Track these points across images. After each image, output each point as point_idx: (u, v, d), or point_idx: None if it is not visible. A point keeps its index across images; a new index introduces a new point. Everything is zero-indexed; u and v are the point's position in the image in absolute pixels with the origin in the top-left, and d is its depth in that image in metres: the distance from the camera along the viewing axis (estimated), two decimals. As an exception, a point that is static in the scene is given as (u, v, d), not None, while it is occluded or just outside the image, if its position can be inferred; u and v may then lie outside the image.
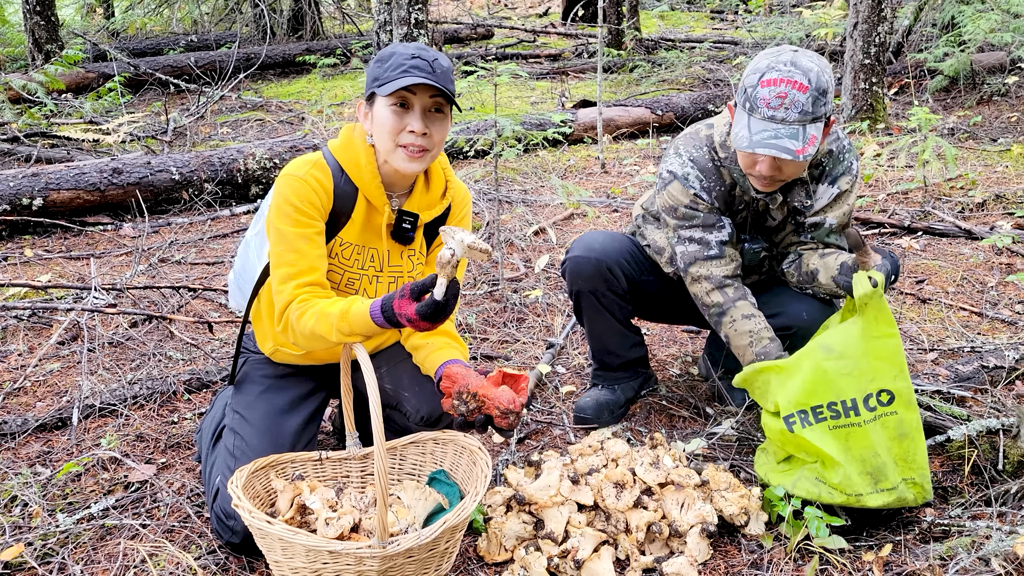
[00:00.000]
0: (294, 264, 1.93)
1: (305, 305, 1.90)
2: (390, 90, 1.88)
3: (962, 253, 3.92)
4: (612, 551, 1.96)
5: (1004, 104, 6.83)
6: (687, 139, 2.39)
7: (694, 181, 2.33)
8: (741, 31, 11.20)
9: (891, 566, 1.91)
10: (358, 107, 2.02)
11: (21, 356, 3.12)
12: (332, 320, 1.85)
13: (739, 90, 2.16)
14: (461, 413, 1.88)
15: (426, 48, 1.94)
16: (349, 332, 1.84)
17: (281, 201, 1.96)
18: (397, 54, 1.92)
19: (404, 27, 5.24)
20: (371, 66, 1.97)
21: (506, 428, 1.88)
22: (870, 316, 2.04)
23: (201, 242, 4.49)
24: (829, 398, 2.02)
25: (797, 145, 2.05)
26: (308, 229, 1.95)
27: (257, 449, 2.05)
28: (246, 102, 8.13)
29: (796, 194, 2.34)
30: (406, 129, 1.92)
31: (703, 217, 2.35)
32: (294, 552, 1.73)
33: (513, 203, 4.87)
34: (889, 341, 2.03)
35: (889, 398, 2.01)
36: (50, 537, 2.06)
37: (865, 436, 2.00)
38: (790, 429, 2.04)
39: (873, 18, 6.00)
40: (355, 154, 2.02)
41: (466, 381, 1.88)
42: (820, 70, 2.07)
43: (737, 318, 2.31)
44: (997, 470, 2.16)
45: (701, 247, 2.35)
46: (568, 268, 2.53)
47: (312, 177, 1.97)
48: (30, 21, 8.51)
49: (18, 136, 6.05)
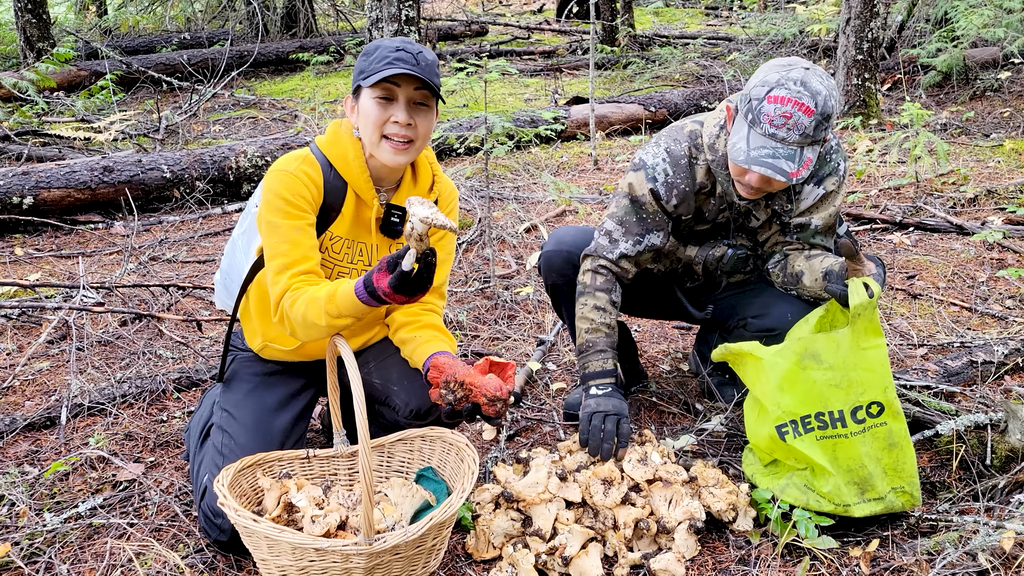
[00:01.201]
0: (288, 255, 1.93)
1: (297, 293, 1.91)
2: (374, 80, 1.89)
3: (953, 248, 3.93)
4: (600, 548, 1.95)
5: (997, 100, 6.84)
6: (670, 131, 2.38)
7: (659, 174, 2.32)
8: (735, 27, 11.21)
9: (878, 561, 1.91)
10: (345, 101, 2.03)
11: (10, 355, 3.11)
12: (321, 303, 1.85)
13: (743, 97, 2.12)
14: (448, 402, 1.88)
15: (411, 42, 1.96)
16: (337, 314, 1.84)
17: (272, 196, 1.96)
18: (382, 47, 1.93)
19: (395, 24, 5.23)
20: (358, 60, 1.98)
21: (493, 416, 1.88)
22: (860, 327, 2.02)
23: (192, 240, 4.47)
24: (816, 408, 2.01)
25: (792, 167, 2.04)
26: (300, 221, 1.95)
27: (246, 447, 2.04)
28: (239, 100, 8.11)
29: (778, 199, 2.33)
30: (391, 120, 1.93)
31: (637, 221, 2.36)
32: (280, 550, 1.72)
33: (505, 200, 4.87)
34: (877, 352, 2.02)
35: (879, 410, 2.01)
36: (37, 536, 2.05)
37: (852, 447, 1.99)
38: (782, 438, 2.03)
39: (866, 14, 6.00)
40: (343, 149, 2.02)
41: (453, 370, 1.89)
42: (828, 94, 2.04)
43: (590, 305, 2.35)
44: (985, 465, 2.16)
45: (607, 244, 2.38)
46: (542, 263, 2.55)
47: (302, 172, 1.97)
48: (21, 19, 8.48)
49: (9, 135, 6.02)
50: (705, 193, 2.35)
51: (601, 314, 2.34)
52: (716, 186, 2.33)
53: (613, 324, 2.35)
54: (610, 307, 2.35)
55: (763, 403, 2.09)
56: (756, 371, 2.12)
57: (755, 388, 2.14)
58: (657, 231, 2.37)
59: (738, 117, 2.14)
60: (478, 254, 4.16)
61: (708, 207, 2.38)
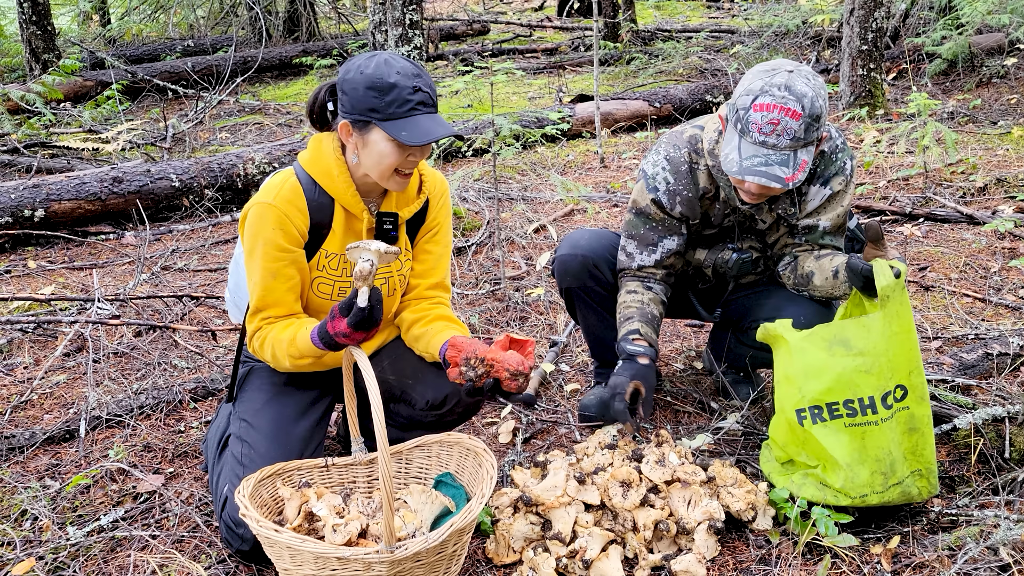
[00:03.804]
0: (262, 299, 2.01)
1: (262, 334, 2.02)
2: (412, 141, 1.83)
3: (964, 239, 3.91)
4: (620, 550, 1.96)
5: (1003, 86, 6.80)
6: (670, 137, 2.39)
7: (660, 183, 2.35)
8: (738, 19, 11.16)
9: (900, 558, 1.91)
10: (341, 128, 1.93)
11: (27, 369, 3.14)
12: (283, 346, 1.98)
13: (730, 107, 2.13)
14: (469, 379, 1.89)
15: (417, 69, 1.91)
16: (299, 356, 1.97)
17: (253, 232, 1.97)
18: (398, 87, 1.85)
19: (399, 28, 5.23)
20: (362, 91, 1.87)
21: (515, 391, 1.89)
22: (892, 310, 1.98)
23: (203, 249, 4.49)
24: (846, 395, 1.99)
25: (787, 172, 2.04)
26: (277, 263, 1.97)
27: (266, 456, 2.05)
28: (244, 106, 8.13)
29: (781, 202, 2.33)
30: (407, 158, 1.92)
31: (647, 231, 2.40)
32: (303, 560, 1.73)
33: (513, 201, 4.87)
34: (908, 336, 2.00)
35: (903, 393, 1.99)
36: (61, 550, 2.07)
37: (882, 434, 1.98)
38: (800, 423, 2.03)
39: (870, 3, 5.97)
40: (326, 166, 2.00)
41: (473, 347, 1.90)
42: (815, 95, 2.04)
43: (622, 298, 2.46)
44: (1004, 458, 2.16)
45: (626, 259, 2.46)
46: (556, 267, 2.56)
47: (282, 200, 1.96)
48: (27, 31, 8.51)
49: (18, 147, 6.06)
50: (709, 198, 2.36)
51: (631, 295, 2.42)
52: (719, 191, 2.33)
53: (646, 300, 2.41)
54: (641, 289, 2.43)
55: (785, 386, 2.08)
56: (785, 353, 2.11)
57: (778, 371, 2.12)
58: (670, 236, 2.39)
59: (728, 128, 2.14)
60: (488, 256, 4.17)
61: (714, 211, 2.39)
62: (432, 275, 2.20)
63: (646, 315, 2.39)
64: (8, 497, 2.31)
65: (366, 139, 1.92)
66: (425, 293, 2.19)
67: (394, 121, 1.86)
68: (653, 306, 2.41)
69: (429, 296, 2.19)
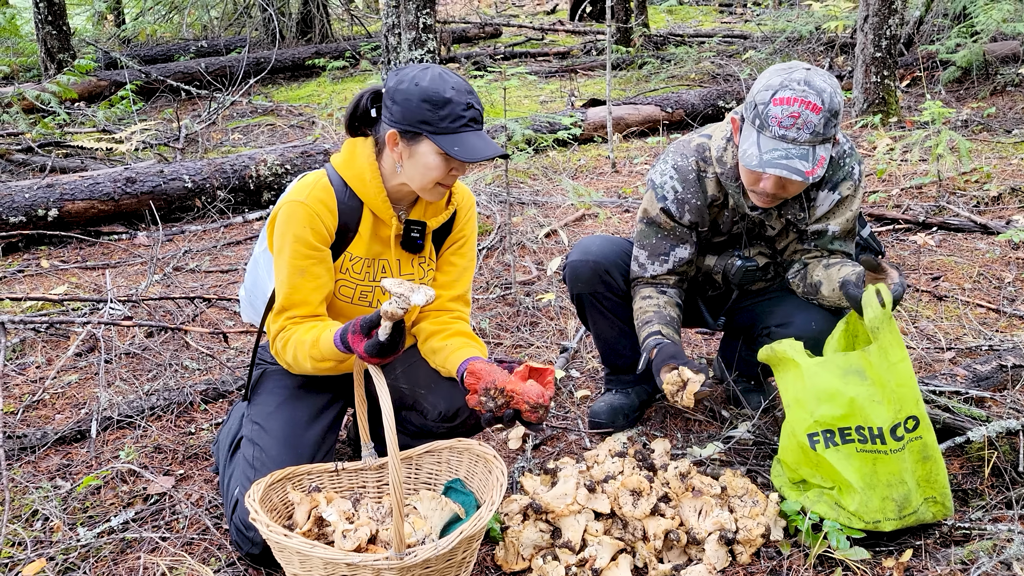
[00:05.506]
0: (288, 297, 2.00)
1: (287, 334, 2.00)
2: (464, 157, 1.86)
3: (978, 248, 3.89)
4: (630, 559, 1.95)
5: (1018, 94, 6.76)
6: (677, 146, 2.40)
7: (668, 192, 2.35)
8: (750, 25, 11.14)
9: (912, 572, 1.89)
10: (389, 137, 1.93)
11: (39, 368, 3.15)
12: (306, 348, 1.96)
13: (748, 105, 2.13)
14: (489, 409, 1.88)
15: (469, 86, 1.94)
16: (321, 358, 1.95)
17: (283, 230, 1.98)
18: (453, 102, 1.88)
19: (412, 32, 5.24)
20: (416, 102, 1.88)
21: (535, 422, 1.88)
22: (885, 341, 1.99)
23: (215, 250, 4.51)
24: (858, 422, 1.98)
25: (807, 166, 2.04)
26: (306, 260, 1.98)
27: (277, 460, 2.05)
28: (257, 107, 8.16)
29: (790, 207, 2.32)
30: (450, 172, 1.94)
31: (658, 241, 2.41)
32: (312, 565, 1.73)
33: (524, 205, 4.87)
34: (904, 365, 2.00)
35: (915, 424, 1.98)
36: (71, 551, 2.08)
37: (893, 463, 1.96)
38: (812, 447, 2.02)
39: (884, 10, 5.95)
40: (359, 170, 2.01)
41: (492, 377, 1.89)
42: (833, 91, 2.05)
43: (637, 304, 2.47)
44: (1017, 472, 2.14)
45: (639, 269, 2.47)
46: (567, 273, 2.56)
47: (314, 199, 1.98)
48: (42, 31, 8.57)
49: (32, 146, 6.10)
50: (718, 205, 2.36)
51: (647, 301, 2.43)
52: (728, 198, 2.33)
53: (661, 303, 2.41)
54: (655, 294, 2.44)
55: (795, 409, 2.07)
56: (795, 377, 2.10)
57: (787, 394, 2.12)
58: (682, 245, 2.39)
59: (745, 125, 2.13)
60: (499, 260, 4.17)
61: (722, 219, 2.38)
62: (454, 287, 2.20)
63: (664, 317, 2.38)
64: (20, 497, 2.33)
65: (413, 150, 1.93)
66: (446, 305, 2.19)
67: (445, 136, 1.88)
68: (670, 308, 2.41)
69: (449, 309, 2.19)
